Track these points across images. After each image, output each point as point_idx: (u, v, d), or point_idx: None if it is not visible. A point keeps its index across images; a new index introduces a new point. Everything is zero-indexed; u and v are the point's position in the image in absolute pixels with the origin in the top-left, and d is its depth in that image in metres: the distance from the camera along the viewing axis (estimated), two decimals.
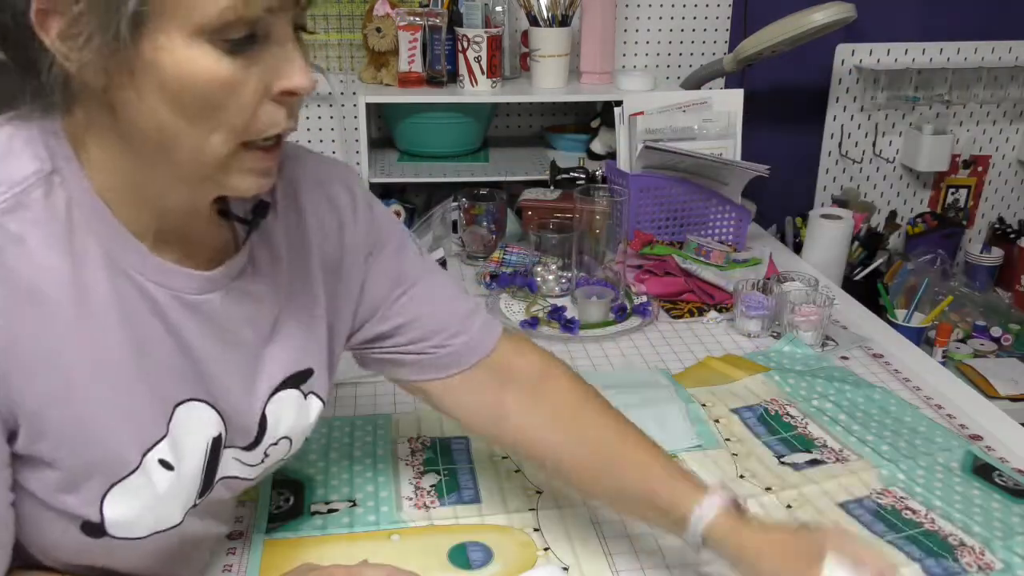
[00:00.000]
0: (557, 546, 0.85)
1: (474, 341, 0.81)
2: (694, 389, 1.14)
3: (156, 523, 0.64)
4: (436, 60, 1.70)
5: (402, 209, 1.70)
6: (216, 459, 0.68)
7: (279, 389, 0.72)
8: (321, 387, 0.76)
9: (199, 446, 0.66)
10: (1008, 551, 0.83)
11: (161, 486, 0.63)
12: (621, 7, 1.90)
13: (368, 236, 0.78)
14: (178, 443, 0.64)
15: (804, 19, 1.61)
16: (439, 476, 0.96)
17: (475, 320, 0.82)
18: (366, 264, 0.78)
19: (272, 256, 0.71)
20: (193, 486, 0.66)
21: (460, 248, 1.63)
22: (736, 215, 1.63)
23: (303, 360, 0.74)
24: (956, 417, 1.10)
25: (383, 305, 0.80)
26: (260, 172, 0.60)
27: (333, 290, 0.76)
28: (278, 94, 0.57)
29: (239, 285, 0.68)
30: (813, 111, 2.11)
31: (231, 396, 0.68)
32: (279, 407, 0.72)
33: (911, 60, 2.07)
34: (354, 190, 0.78)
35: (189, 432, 0.65)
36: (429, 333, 0.80)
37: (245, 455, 0.72)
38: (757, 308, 1.31)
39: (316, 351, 0.75)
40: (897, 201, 2.22)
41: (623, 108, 1.56)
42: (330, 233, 0.75)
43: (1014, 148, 2.22)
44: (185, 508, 0.66)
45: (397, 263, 0.80)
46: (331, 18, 1.85)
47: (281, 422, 0.73)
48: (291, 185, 0.74)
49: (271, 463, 0.76)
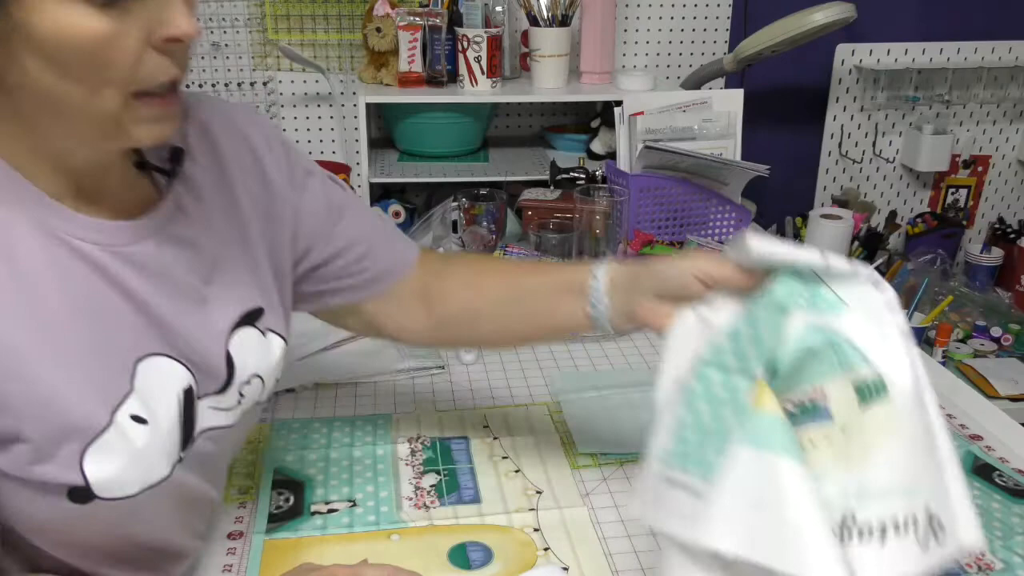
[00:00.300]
0: (557, 546, 0.85)
1: (399, 253, 0.89)
2: None
3: (143, 478, 0.63)
4: (436, 60, 1.70)
5: (402, 209, 1.70)
6: (191, 411, 0.68)
7: (236, 328, 0.73)
8: (278, 325, 0.77)
9: (170, 400, 0.66)
10: (1008, 551, 0.83)
11: (138, 441, 0.62)
12: (621, 7, 1.90)
13: (290, 169, 0.80)
14: (147, 398, 0.64)
15: (804, 19, 1.61)
16: (439, 476, 0.96)
17: (396, 236, 0.91)
18: (295, 196, 0.80)
19: (198, 200, 0.71)
20: (172, 438, 0.66)
21: (460, 248, 1.63)
22: (736, 215, 1.63)
23: (251, 299, 0.75)
24: (956, 417, 1.09)
25: (321, 233, 0.83)
26: (157, 119, 0.59)
27: (268, 227, 0.77)
28: (161, 42, 0.56)
29: (171, 231, 0.68)
30: (813, 111, 2.11)
31: (192, 341, 0.68)
32: (241, 345, 0.73)
33: (911, 60, 2.07)
34: (264, 127, 0.80)
35: (157, 387, 0.65)
36: (365, 253, 0.85)
37: (219, 399, 0.72)
38: None
39: (263, 290, 0.76)
40: (897, 201, 2.22)
41: (623, 108, 1.56)
42: (251, 171, 0.76)
43: (1014, 148, 2.22)
44: (170, 460, 0.66)
45: (324, 191, 0.84)
46: (331, 18, 1.85)
47: (247, 360, 0.73)
48: (202, 129, 0.74)
49: (248, 404, 0.75)
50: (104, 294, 0.63)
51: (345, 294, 0.87)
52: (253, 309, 0.74)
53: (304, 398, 1.12)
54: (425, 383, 1.16)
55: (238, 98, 1.89)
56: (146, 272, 0.65)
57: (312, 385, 1.14)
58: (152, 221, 0.66)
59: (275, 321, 0.77)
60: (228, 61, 1.87)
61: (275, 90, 1.91)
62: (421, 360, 1.19)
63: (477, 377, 1.18)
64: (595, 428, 1.05)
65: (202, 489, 0.75)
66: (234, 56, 1.86)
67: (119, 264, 0.63)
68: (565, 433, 1.05)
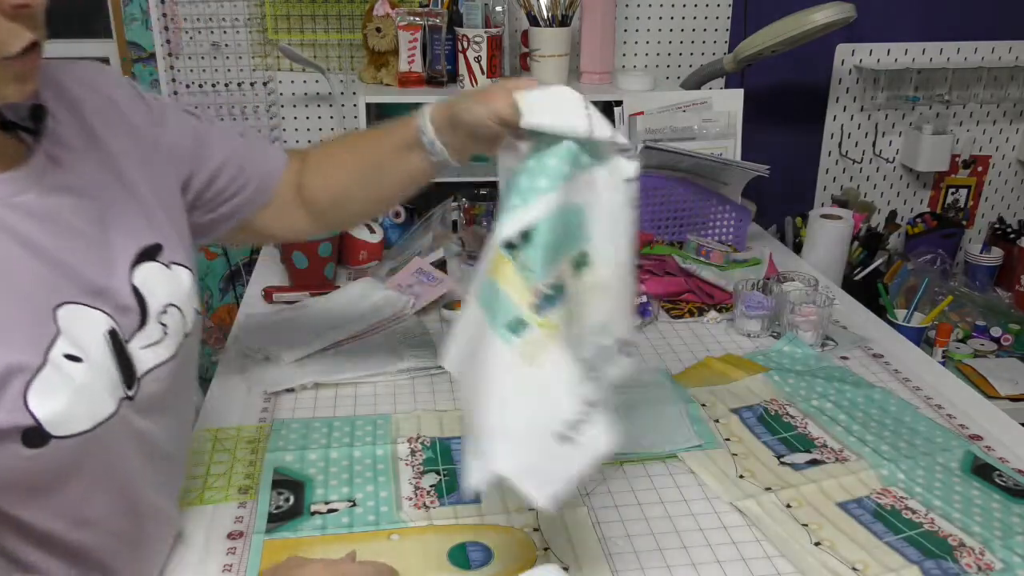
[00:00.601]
0: (557, 546, 0.85)
1: (272, 160, 0.96)
2: (694, 389, 1.14)
3: (92, 412, 0.65)
4: (436, 60, 1.70)
5: (402, 209, 1.70)
6: (123, 353, 0.70)
7: (137, 264, 0.75)
8: (180, 257, 0.80)
9: (98, 340, 0.68)
10: (1008, 551, 0.83)
11: (78, 377, 0.64)
12: (621, 7, 1.90)
13: (147, 109, 0.84)
14: (76, 338, 0.66)
15: (804, 19, 1.61)
16: (439, 476, 0.96)
17: (263, 144, 0.98)
18: (160, 132, 0.84)
19: (69, 152, 0.74)
20: (111, 375, 0.68)
21: (460, 248, 1.63)
22: (736, 215, 1.63)
23: (146, 237, 0.77)
24: (956, 417, 1.10)
25: (195, 157, 0.88)
26: (16, 78, 0.62)
27: (145, 169, 0.80)
28: (10, 8, 0.59)
29: (49, 182, 0.70)
30: (813, 111, 2.11)
31: (97, 281, 0.70)
32: (145, 279, 0.75)
33: (911, 60, 2.07)
34: (112, 78, 0.83)
35: (81, 329, 0.67)
36: (241, 166, 0.93)
37: (145, 335, 0.74)
38: (757, 308, 1.31)
39: (157, 227, 0.79)
40: (897, 201, 2.22)
41: (623, 108, 1.56)
42: (114, 121, 0.79)
43: (1014, 148, 2.21)
44: (115, 397, 0.67)
45: (184, 121, 0.89)
46: (331, 18, 1.85)
47: (157, 290, 0.76)
48: (58, 90, 0.76)
49: (177, 335, 0.77)
50: (5, 247, 0.64)
51: (236, 214, 0.94)
52: (150, 245, 0.77)
53: (304, 398, 1.12)
54: (425, 383, 1.17)
55: (238, 98, 1.89)
56: (37, 219, 0.67)
57: (312, 385, 1.14)
58: (29, 172, 0.68)
59: (176, 254, 0.80)
60: (228, 61, 1.87)
61: (275, 90, 1.91)
62: (421, 360, 1.19)
63: None
64: None
65: (162, 438, 0.76)
66: (234, 56, 1.86)
67: (10, 214, 0.65)
68: None
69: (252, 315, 1.36)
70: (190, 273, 0.81)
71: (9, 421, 0.61)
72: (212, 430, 1.04)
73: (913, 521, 0.88)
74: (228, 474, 0.96)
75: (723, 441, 1.03)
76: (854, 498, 0.92)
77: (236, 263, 2.04)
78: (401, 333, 1.28)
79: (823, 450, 1.01)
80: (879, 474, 0.96)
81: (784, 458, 1.00)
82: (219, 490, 0.94)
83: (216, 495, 0.93)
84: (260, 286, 1.47)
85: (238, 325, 1.32)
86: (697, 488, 0.95)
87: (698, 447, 1.01)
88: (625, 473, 0.97)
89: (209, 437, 1.03)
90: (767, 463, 0.99)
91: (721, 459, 1.00)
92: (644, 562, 0.83)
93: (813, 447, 1.02)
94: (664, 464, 0.99)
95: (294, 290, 1.43)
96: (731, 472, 0.97)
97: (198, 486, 0.94)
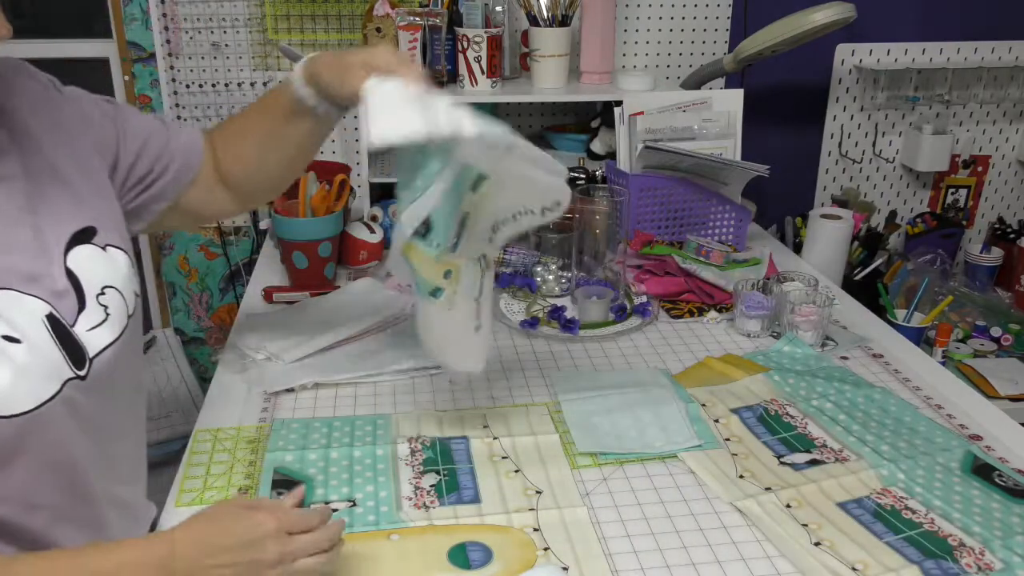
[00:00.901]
0: (557, 546, 0.85)
1: (191, 141, 0.99)
2: (694, 389, 1.14)
3: (34, 392, 0.66)
4: (436, 60, 1.70)
5: None
6: (68, 336, 0.71)
7: (71, 247, 0.76)
8: (115, 240, 0.81)
9: (35, 324, 0.68)
10: (1008, 551, 0.83)
11: (18, 357, 0.65)
12: (621, 7, 1.90)
13: (64, 98, 0.86)
14: (11, 321, 0.66)
15: (804, 19, 1.61)
16: (439, 476, 0.96)
17: (179, 126, 1.00)
18: (82, 118, 0.86)
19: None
20: (53, 357, 0.68)
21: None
22: (736, 215, 1.63)
23: (79, 221, 0.78)
24: (956, 417, 1.10)
25: (117, 137, 0.91)
26: None
27: (73, 155, 0.82)
28: None
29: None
30: (813, 111, 2.11)
31: (30, 264, 0.71)
32: (80, 262, 0.76)
33: (911, 60, 2.07)
34: (30, 71, 0.85)
35: (17, 314, 0.68)
36: (162, 146, 0.95)
37: (88, 318, 0.74)
38: (757, 308, 1.31)
39: (90, 211, 0.80)
40: (897, 201, 2.22)
41: (623, 108, 1.56)
42: (40, 111, 0.81)
43: (1014, 148, 2.21)
44: (59, 378, 0.68)
45: (102, 106, 0.92)
46: (331, 18, 1.85)
47: (93, 274, 0.76)
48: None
49: (121, 318, 0.78)
50: None
51: (165, 194, 0.96)
52: (83, 228, 0.78)
53: (304, 398, 1.12)
54: (425, 383, 1.17)
55: (238, 98, 1.89)
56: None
57: (312, 385, 1.14)
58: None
59: (112, 237, 0.81)
60: (228, 61, 1.87)
61: None
62: (421, 360, 1.19)
63: (477, 377, 1.18)
64: (595, 428, 1.05)
65: (111, 421, 0.77)
66: (234, 56, 1.86)
67: None
68: (565, 433, 1.05)
69: (252, 315, 1.36)
70: (126, 255, 0.82)
71: None
72: (212, 430, 1.04)
73: (913, 521, 0.88)
74: (228, 474, 0.96)
75: (723, 441, 1.03)
76: (854, 498, 0.92)
77: (236, 263, 2.04)
78: (401, 333, 1.28)
79: (823, 450, 1.01)
80: (879, 474, 0.96)
81: (784, 458, 1.00)
82: (219, 490, 0.94)
83: (216, 495, 0.93)
84: (260, 286, 1.47)
85: (238, 325, 1.32)
86: (697, 488, 0.95)
87: (698, 447, 1.02)
88: (625, 473, 0.97)
89: (209, 437, 1.03)
90: (767, 463, 0.99)
91: (721, 459, 1.00)
92: (644, 562, 0.83)
93: (813, 447, 1.02)
94: (664, 464, 0.99)
95: (294, 290, 1.43)
96: (731, 472, 0.97)
97: (198, 486, 0.94)
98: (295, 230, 1.41)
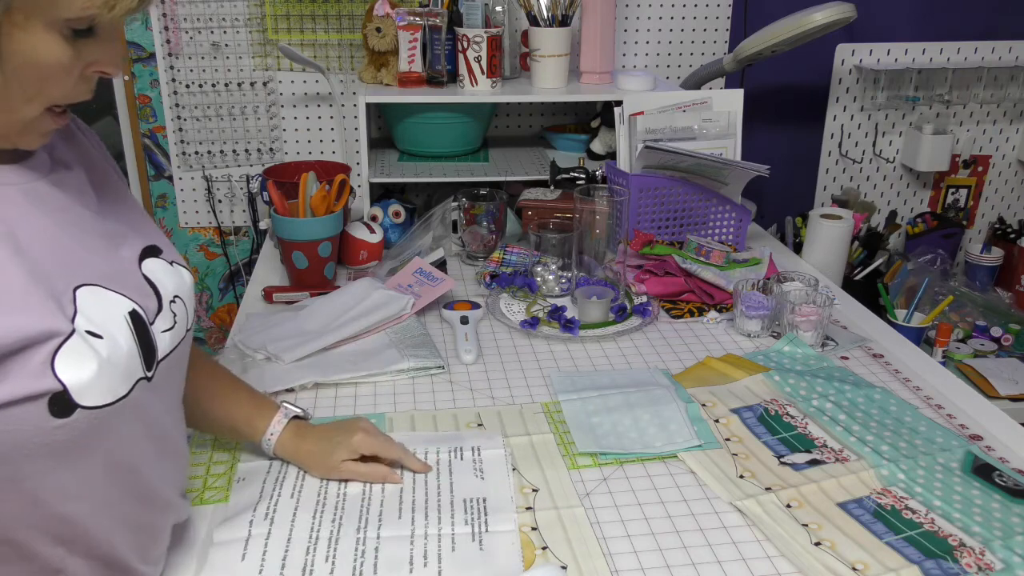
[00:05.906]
0: (555, 545, 0.85)
1: None
2: (694, 389, 1.14)
3: (112, 388, 0.66)
4: (436, 60, 1.70)
5: (402, 209, 1.70)
6: (147, 334, 0.71)
7: (143, 259, 0.77)
8: (178, 259, 0.82)
9: (119, 321, 0.68)
10: (1008, 551, 0.83)
11: (103, 351, 0.65)
12: (621, 7, 1.90)
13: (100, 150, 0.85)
14: (94, 318, 0.66)
15: (804, 19, 1.61)
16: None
17: None
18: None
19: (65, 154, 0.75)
20: (133, 356, 0.68)
21: (460, 248, 1.63)
22: (736, 215, 1.63)
23: (145, 239, 0.79)
24: (956, 417, 1.10)
25: None
26: (46, 135, 0.67)
27: (115, 197, 0.82)
28: (92, 73, 0.64)
29: (55, 178, 0.71)
30: (813, 111, 2.11)
31: (112, 267, 0.71)
32: (154, 272, 0.77)
33: (911, 60, 2.07)
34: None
35: (101, 310, 0.67)
36: None
37: (163, 319, 0.75)
38: (757, 308, 1.31)
39: (152, 233, 0.81)
40: (897, 201, 2.22)
41: (623, 108, 1.56)
42: (87, 151, 0.80)
43: (1014, 148, 2.21)
44: (133, 377, 0.68)
45: None
46: (331, 18, 1.85)
47: (165, 282, 0.77)
48: None
49: (182, 328, 0.79)
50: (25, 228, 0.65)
51: None
52: (151, 245, 0.79)
53: (304, 398, 1.12)
54: (425, 383, 1.17)
55: (238, 98, 1.89)
56: (49, 207, 0.68)
57: (312, 385, 1.14)
58: (36, 165, 0.70)
59: (175, 256, 0.82)
60: (228, 61, 1.87)
61: (275, 90, 1.91)
62: (421, 360, 1.19)
63: (477, 377, 1.18)
64: (595, 428, 1.05)
65: (168, 424, 0.78)
66: (234, 56, 1.86)
67: (23, 198, 0.66)
68: (564, 433, 1.05)
69: (252, 315, 1.36)
70: (190, 275, 0.83)
71: (36, 387, 0.61)
72: None
73: (913, 521, 0.88)
74: (228, 474, 0.96)
75: (723, 441, 1.03)
76: (854, 498, 0.92)
77: (236, 263, 2.04)
78: (401, 333, 1.28)
79: (823, 450, 1.01)
80: (879, 474, 0.96)
81: (784, 458, 1.00)
82: (219, 490, 0.94)
83: (216, 495, 0.93)
84: (260, 286, 1.47)
85: (238, 325, 1.32)
86: (697, 488, 0.95)
87: (698, 447, 1.01)
88: (625, 473, 0.97)
89: (209, 437, 1.03)
90: (767, 463, 0.99)
91: (721, 459, 1.00)
92: (644, 562, 0.83)
93: (813, 447, 1.02)
94: (664, 464, 0.99)
95: (294, 290, 1.43)
96: (731, 472, 0.97)
97: (198, 486, 0.94)
98: (295, 230, 1.41)
